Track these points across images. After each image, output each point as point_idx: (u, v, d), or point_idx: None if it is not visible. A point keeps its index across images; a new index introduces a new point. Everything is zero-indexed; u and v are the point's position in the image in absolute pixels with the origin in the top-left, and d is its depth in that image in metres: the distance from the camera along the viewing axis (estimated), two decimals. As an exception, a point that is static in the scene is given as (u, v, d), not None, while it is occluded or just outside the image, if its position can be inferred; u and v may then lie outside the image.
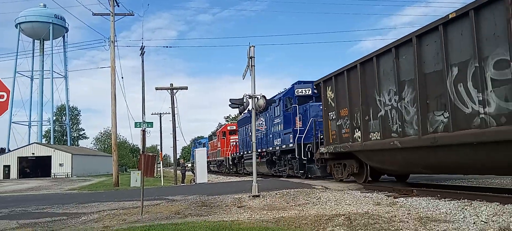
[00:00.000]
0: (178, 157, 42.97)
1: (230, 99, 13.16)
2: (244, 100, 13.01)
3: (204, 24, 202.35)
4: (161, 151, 44.64)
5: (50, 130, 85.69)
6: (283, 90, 23.16)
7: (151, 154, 10.62)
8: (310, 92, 19.36)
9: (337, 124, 14.08)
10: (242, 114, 19.56)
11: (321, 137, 16.18)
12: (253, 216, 8.62)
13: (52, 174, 61.83)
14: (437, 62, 9.39)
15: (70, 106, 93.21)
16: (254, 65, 12.89)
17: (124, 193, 17.97)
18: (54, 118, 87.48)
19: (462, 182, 14.71)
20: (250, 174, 30.52)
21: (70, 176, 60.32)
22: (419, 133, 9.90)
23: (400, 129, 10.69)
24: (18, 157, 63.96)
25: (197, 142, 55.74)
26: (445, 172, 12.39)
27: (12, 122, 75.83)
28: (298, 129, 18.73)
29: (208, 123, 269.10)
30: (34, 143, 69.53)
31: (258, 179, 13.40)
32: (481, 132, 8.22)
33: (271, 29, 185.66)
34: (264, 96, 13.15)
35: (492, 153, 8.41)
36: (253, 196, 11.91)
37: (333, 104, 14.36)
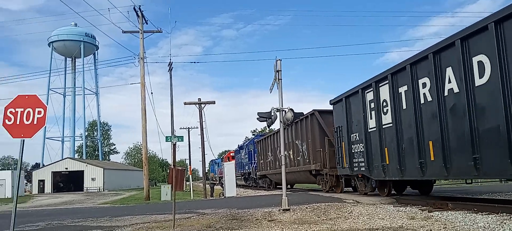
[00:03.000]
0: (206, 170, 43.40)
1: (258, 112, 13.18)
2: (272, 113, 13.01)
3: (229, 40, 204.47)
4: (190, 164, 45.05)
5: (82, 145, 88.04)
6: (252, 138, 41.09)
7: (180, 168, 10.72)
8: None
9: (260, 161, 31.25)
10: (237, 146, 42.14)
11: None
12: (284, 230, 8.56)
13: (84, 188, 63.28)
14: (274, 145, 26.75)
15: (101, 122, 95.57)
16: (281, 79, 12.90)
17: (155, 206, 18.20)
18: (86, 133, 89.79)
19: (498, 195, 14.21)
20: (239, 186, 42.05)
21: (102, 190, 61.56)
22: (274, 168, 26.59)
23: (273, 166, 27.24)
24: (52, 171, 65.86)
25: (214, 162, 63.76)
26: (289, 183, 27.29)
27: (46, 138, 78.46)
28: (254, 161, 34.27)
29: (235, 137, 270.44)
30: (67, 158, 71.52)
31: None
32: (295, 168, 22.38)
33: (296, 42, 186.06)
34: (291, 109, 13.08)
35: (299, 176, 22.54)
36: (283, 210, 11.84)
37: (263, 151, 30.36)
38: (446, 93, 9.96)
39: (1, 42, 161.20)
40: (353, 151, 15.08)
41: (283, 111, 13.04)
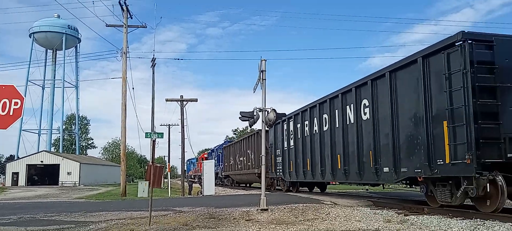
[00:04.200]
0: (185, 168, 43.19)
1: (240, 112, 13.14)
2: (254, 113, 12.98)
3: (214, 38, 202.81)
4: (169, 162, 44.68)
5: (59, 138, 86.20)
6: (222, 143, 44.73)
7: (159, 165, 10.58)
8: None
9: (225, 164, 36.97)
10: (210, 149, 47.19)
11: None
12: (262, 230, 8.54)
13: (60, 182, 62.02)
14: (242, 150, 30.71)
15: (80, 115, 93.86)
16: (265, 79, 12.89)
17: (131, 203, 17.95)
18: (64, 126, 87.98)
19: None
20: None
21: (78, 184, 60.48)
22: (234, 170, 33.33)
23: (233, 168, 33.57)
24: (27, 164, 64.32)
25: (190, 161, 65.20)
26: (245, 182, 34.55)
27: (22, 130, 76.36)
28: (222, 163, 39.75)
29: (216, 136, 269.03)
30: (43, 151, 69.94)
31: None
32: (247, 171, 29.06)
33: (281, 43, 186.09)
34: (274, 110, 13.08)
35: (250, 177, 28.63)
36: (261, 210, 11.82)
37: (227, 156, 36.42)
38: (313, 132, 17.19)
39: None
40: (277, 161, 22.08)
41: (266, 112, 13.02)
